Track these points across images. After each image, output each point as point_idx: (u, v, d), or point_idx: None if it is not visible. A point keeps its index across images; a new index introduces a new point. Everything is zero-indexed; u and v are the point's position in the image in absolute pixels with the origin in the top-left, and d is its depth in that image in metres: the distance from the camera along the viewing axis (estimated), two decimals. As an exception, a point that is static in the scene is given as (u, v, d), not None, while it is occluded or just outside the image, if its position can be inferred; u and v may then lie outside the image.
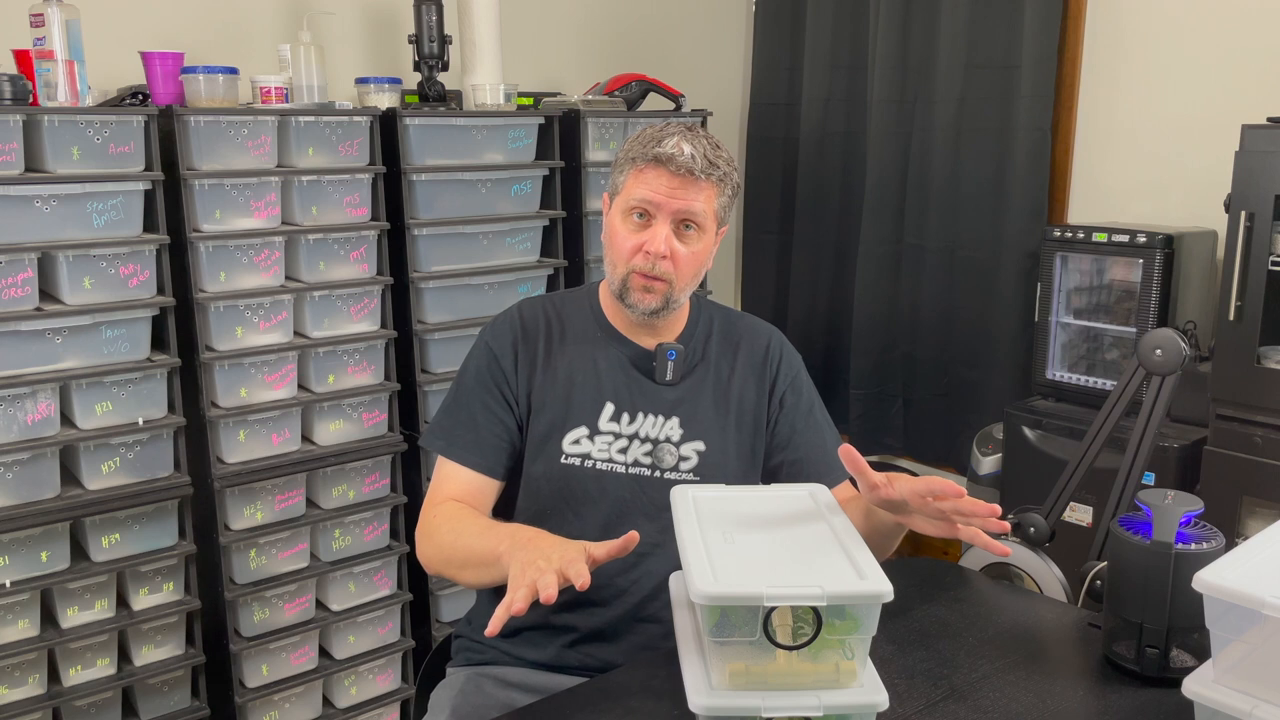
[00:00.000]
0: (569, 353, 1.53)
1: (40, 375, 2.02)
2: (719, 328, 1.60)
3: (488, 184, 2.57)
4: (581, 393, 1.51)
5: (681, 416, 1.52)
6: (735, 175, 1.50)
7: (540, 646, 1.50)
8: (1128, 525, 1.30)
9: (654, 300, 1.47)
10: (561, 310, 1.58)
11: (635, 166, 1.45)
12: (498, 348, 1.53)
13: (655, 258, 1.44)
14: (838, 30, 3.48)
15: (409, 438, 2.52)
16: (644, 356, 1.54)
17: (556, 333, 1.55)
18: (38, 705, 2.11)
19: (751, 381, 1.57)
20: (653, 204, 1.44)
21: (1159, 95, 2.83)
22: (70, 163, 2.01)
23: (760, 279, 3.87)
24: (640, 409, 1.51)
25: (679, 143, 1.44)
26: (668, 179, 1.43)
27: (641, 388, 1.52)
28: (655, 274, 1.45)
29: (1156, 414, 1.77)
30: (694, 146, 1.44)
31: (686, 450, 1.51)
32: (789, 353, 1.63)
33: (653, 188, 1.43)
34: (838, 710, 1.03)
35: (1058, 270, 2.81)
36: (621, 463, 1.50)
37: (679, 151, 1.42)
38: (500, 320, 1.57)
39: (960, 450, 3.17)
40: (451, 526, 1.41)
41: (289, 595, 2.40)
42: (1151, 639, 1.27)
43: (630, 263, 1.46)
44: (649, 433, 1.51)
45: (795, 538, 1.14)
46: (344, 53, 2.80)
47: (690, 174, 1.43)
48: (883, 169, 3.34)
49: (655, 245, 1.43)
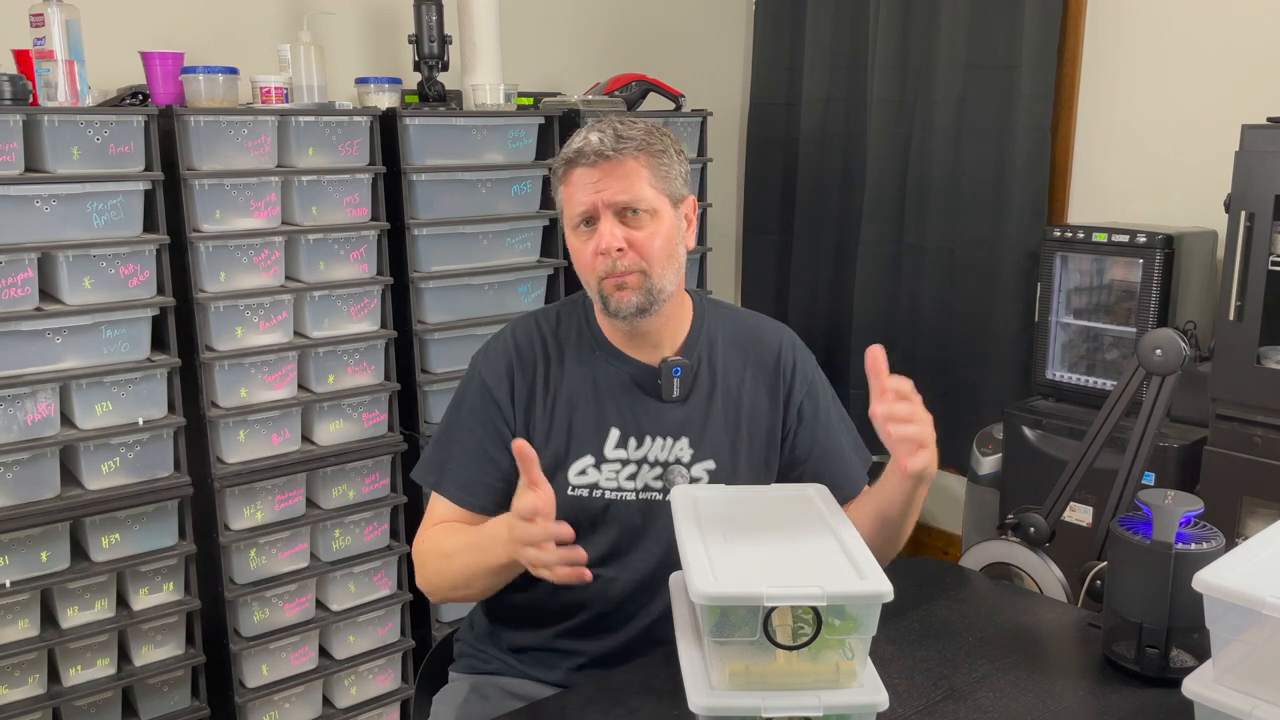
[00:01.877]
0: (567, 376, 1.46)
1: (40, 375, 2.02)
2: (725, 334, 1.52)
3: (488, 184, 2.57)
4: (583, 420, 1.44)
5: (691, 436, 1.45)
6: (665, 142, 1.41)
7: (549, 667, 1.48)
8: (1128, 525, 1.30)
9: (633, 296, 1.38)
10: (556, 329, 1.50)
11: (559, 178, 1.41)
12: (491, 378, 1.46)
13: (612, 254, 1.36)
14: (838, 30, 3.48)
15: (409, 438, 2.52)
16: (647, 373, 1.46)
17: (554, 355, 1.47)
18: (38, 705, 2.11)
19: (764, 391, 1.50)
20: (587, 206, 1.37)
21: (1159, 95, 2.83)
22: (70, 163, 2.01)
23: (760, 279, 3.87)
24: (647, 431, 1.44)
25: (586, 135, 1.38)
26: (587, 174, 1.36)
27: (646, 408, 1.45)
28: (620, 269, 1.37)
29: (1156, 414, 1.77)
30: (601, 133, 1.37)
31: (698, 471, 1.45)
32: (802, 356, 1.55)
33: (580, 188, 1.37)
34: (838, 710, 1.03)
35: (1058, 270, 2.81)
36: (631, 489, 1.44)
37: (586, 143, 1.37)
38: (493, 347, 1.50)
39: (960, 450, 3.16)
40: (440, 552, 1.40)
41: (289, 595, 2.40)
42: (1151, 639, 1.27)
43: (595, 271, 1.38)
44: (658, 456, 1.44)
45: (795, 538, 1.14)
46: (344, 53, 2.80)
47: (603, 159, 1.35)
48: (883, 169, 3.34)
49: (603, 242, 1.36)
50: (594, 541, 1.43)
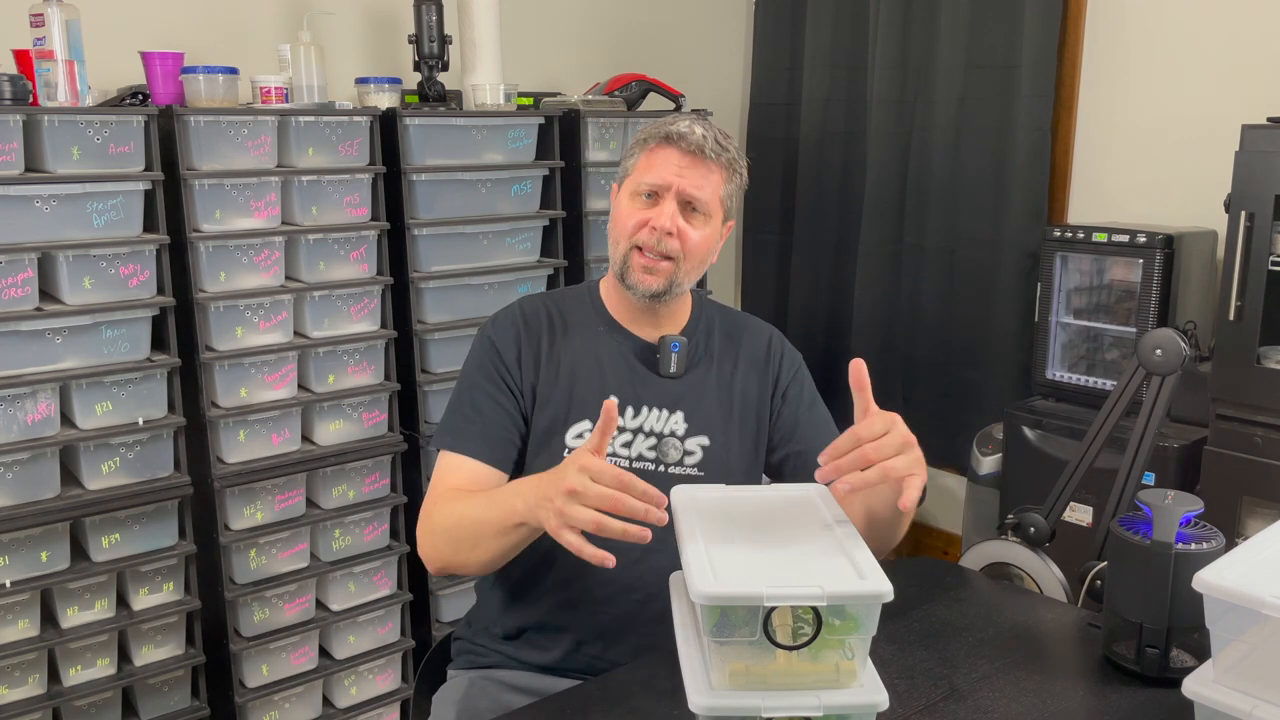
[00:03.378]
0: (571, 346, 1.52)
1: (40, 375, 2.02)
2: (720, 324, 1.60)
3: (488, 184, 2.57)
4: (584, 387, 1.49)
5: (686, 410, 1.51)
6: (743, 168, 1.51)
7: (544, 649, 1.49)
8: (1128, 525, 1.30)
9: (656, 282, 1.46)
10: (562, 305, 1.57)
11: (646, 147, 1.47)
12: (500, 340, 1.51)
13: (661, 233, 1.43)
14: (838, 30, 3.48)
15: (409, 438, 2.52)
16: (647, 349, 1.53)
17: (558, 327, 1.53)
18: (38, 705, 2.11)
19: (754, 376, 1.57)
20: (662, 184, 1.44)
21: (1159, 95, 2.83)
22: (70, 163, 2.01)
23: (760, 279, 3.87)
24: (644, 402, 1.50)
25: (690, 124, 1.45)
26: (678, 157, 1.44)
27: (645, 381, 1.51)
28: (661, 251, 1.44)
29: (1156, 414, 1.77)
30: (704, 130, 1.45)
31: (691, 445, 1.51)
32: (789, 351, 1.63)
33: (662, 166, 1.44)
34: (838, 710, 1.03)
35: (1058, 270, 2.81)
36: (625, 457, 1.48)
37: (691, 132, 1.44)
38: (501, 315, 1.56)
39: (960, 450, 3.17)
40: (451, 510, 1.38)
41: (289, 595, 2.40)
42: (1151, 639, 1.27)
43: (634, 237, 1.45)
44: (653, 426, 1.50)
45: (795, 538, 1.14)
46: (344, 53, 2.80)
47: (700, 153, 1.43)
48: (883, 169, 3.34)
49: (661, 220, 1.43)
50: None
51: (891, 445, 1.16)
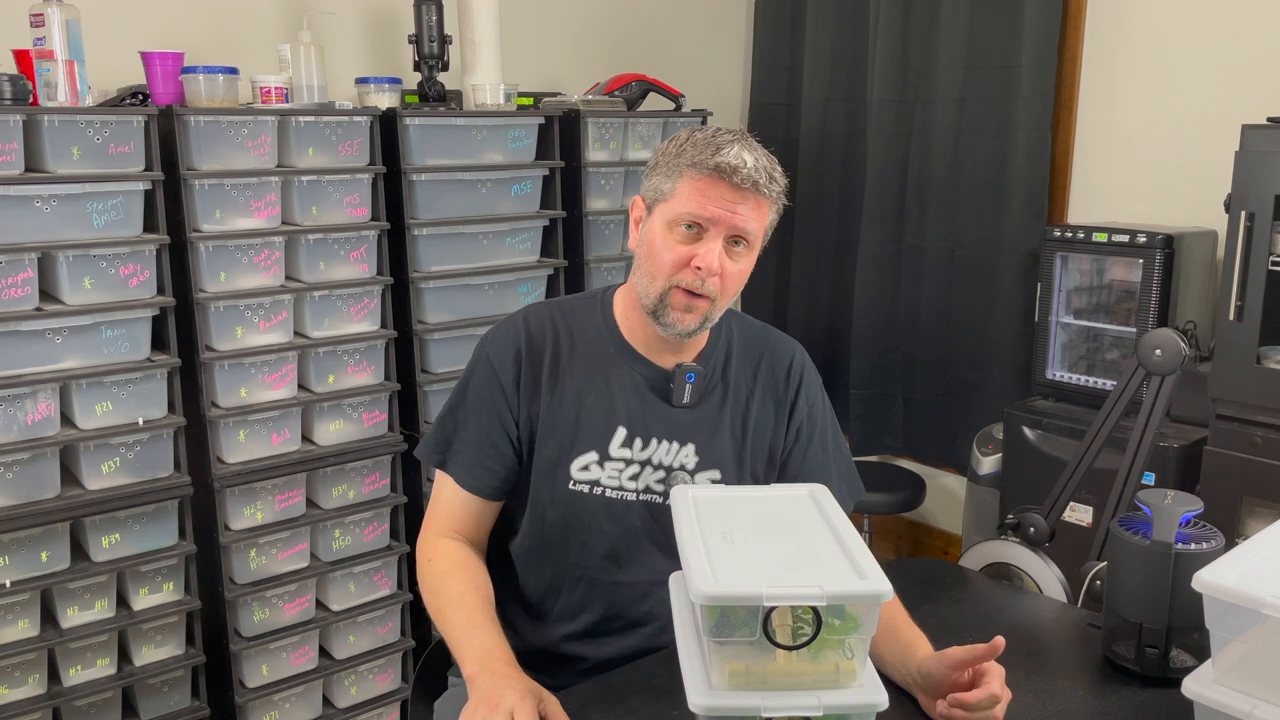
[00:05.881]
0: (578, 370, 1.44)
1: (40, 375, 2.02)
2: (740, 344, 1.51)
3: (488, 184, 2.57)
4: (592, 415, 1.42)
5: (697, 443, 1.44)
6: (783, 197, 1.42)
7: (551, 675, 1.45)
8: (1128, 525, 1.30)
9: (693, 321, 1.37)
10: (571, 321, 1.47)
11: (692, 176, 1.33)
12: (499, 362, 1.44)
13: (707, 274, 1.33)
14: (838, 30, 3.48)
15: (409, 438, 2.52)
16: (660, 377, 1.44)
17: (565, 348, 1.45)
18: (38, 705, 2.11)
19: (770, 405, 1.49)
20: (710, 218, 1.33)
21: (1159, 95, 2.83)
22: (70, 163, 2.01)
23: (760, 279, 3.85)
24: (654, 434, 1.43)
25: (740, 152, 1.33)
26: (729, 192, 1.32)
27: (656, 411, 1.44)
28: (702, 291, 1.34)
29: (1156, 414, 1.77)
30: (755, 158, 1.34)
31: (701, 479, 1.44)
32: (810, 377, 1.53)
33: (712, 201, 1.32)
34: (838, 710, 1.03)
35: (1058, 270, 2.81)
36: (632, 490, 1.43)
37: (742, 163, 1.32)
38: (503, 330, 1.47)
39: (960, 450, 3.16)
40: (435, 581, 1.38)
41: (289, 595, 2.40)
42: (1151, 639, 1.27)
43: (675, 277, 1.34)
44: (662, 459, 1.43)
45: (795, 538, 1.14)
46: (344, 53, 2.80)
47: (755, 187, 1.33)
48: (883, 169, 3.34)
49: (709, 261, 1.32)
50: (592, 544, 1.43)
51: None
